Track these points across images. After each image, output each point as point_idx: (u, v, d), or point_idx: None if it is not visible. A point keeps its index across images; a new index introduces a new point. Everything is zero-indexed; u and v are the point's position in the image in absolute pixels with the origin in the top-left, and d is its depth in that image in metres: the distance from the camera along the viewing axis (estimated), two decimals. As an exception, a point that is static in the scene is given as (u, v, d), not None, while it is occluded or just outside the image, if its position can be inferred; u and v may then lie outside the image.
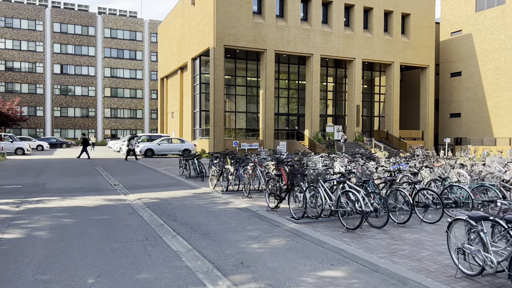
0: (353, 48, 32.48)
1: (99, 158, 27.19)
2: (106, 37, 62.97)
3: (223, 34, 28.09)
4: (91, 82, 62.22)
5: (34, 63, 58.76)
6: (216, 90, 28.33)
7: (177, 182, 14.22)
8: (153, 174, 16.96)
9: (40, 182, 13.80)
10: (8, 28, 56.93)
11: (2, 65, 56.98)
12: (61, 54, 60.33)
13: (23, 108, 57.16)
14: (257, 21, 29.35)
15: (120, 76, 64.32)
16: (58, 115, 60.18)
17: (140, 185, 13.56)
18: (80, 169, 18.93)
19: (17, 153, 30.33)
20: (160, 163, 22.82)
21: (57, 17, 59.77)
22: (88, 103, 62.05)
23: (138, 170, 18.89)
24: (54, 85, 59.76)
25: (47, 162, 23.41)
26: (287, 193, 8.43)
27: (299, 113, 35.33)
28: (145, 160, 25.17)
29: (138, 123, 65.16)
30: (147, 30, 65.76)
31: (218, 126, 28.57)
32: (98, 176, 16.23)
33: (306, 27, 31.00)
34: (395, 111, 34.47)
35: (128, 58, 64.85)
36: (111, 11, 67.17)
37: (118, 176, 16.04)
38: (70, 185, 13.32)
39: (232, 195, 11.16)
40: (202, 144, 30.88)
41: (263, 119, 30.13)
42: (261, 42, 29.38)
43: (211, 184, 12.54)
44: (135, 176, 16.13)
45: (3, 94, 56.05)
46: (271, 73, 29.97)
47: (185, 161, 15.64)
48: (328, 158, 13.09)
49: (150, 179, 15.17)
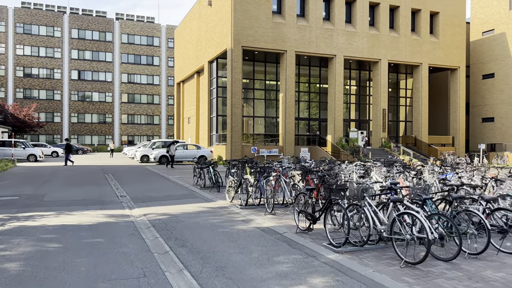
0: (378, 48, 30.62)
1: (112, 165, 26.02)
2: (123, 42, 62.59)
3: (241, 34, 26.69)
4: (108, 88, 61.80)
5: (52, 69, 58.68)
6: (233, 93, 26.89)
7: (190, 193, 12.71)
8: (165, 184, 15.52)
9: (40, 193, 12.49)
10: (26, 34, 57.05)
11: (21, 72, 57.04)
12: (79, 60, 60.14)
13: (41, 114, 57.01)
14: (277, 20, 27.85)
15: (137, 82, 63.76)
16: (75, 121, 59.86)
17: (149, 196, 12.10)
18: (88, 178, 17.67)
19: (30, 159, 29.48)
20: (174, 171, 21.42)
21: (75, 23, 59.69)
22: (105, 109, 61.60)
23: (149, 178, 17.50)
24: (72, 91, 59.53)
25: (56, 169, 22.31)
26: (322, 212, 6.78)
27: (320, 118, 33.58)
28: (158, 168, 23.84)
29: (155, 129, 64.38)
30: (164, 36, 65.17)
31: (236, 131, 27.08)
32: (105, 185, 14.88)
33: (329, 26, 29.34)
34: (424, 116, 32.34)
35: (145, 63, 64.31)
36: (128, 16, 66.87)
37: (126, 186, 14.65)
38: (71, 196, 11.96)
39: (253, 210, 9.56)
40: (219, 150, 29.43)
41: (283, 124, 28.50)
42: (281, 43, 27.84)
43: (228, 196, 10.97)
44: (145, 186, 14.71)
45: (21, 100, 56.05)
46: (292, 75, 28.37)
47: (200, 170, 14.14)
48: (362, 167, 11.35)
49: (161, 190, 13.71)
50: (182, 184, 15.18)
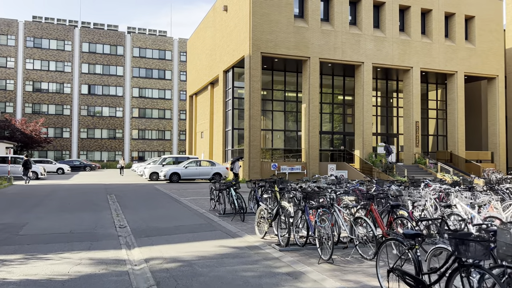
0: (410, 55, 27.96)
1: (117, 184, 23.54)
2: (134, 56, 61.05)
3: (260, 40, 24.33)
4: (118, 103, 60.02)
5: (62, 84, 57.19)
6: (252, 104, 24.38)
7: (207, 223, 10.02)
8: (176, 208, 12.86)
9: (20, 222, 9.94)
10: (36, 48, 55.84)
11: (30, 86, 55.64)
12: (89, 74, 58.62)
13: (49, 130, 55.27)
14: (299, 25, 25.47)
15: (149, 96, 61.91)
16: (85, 137, 57.97)
17: (155, 227, 9.45)
18: (87, 199, 15.13)
19: (30, 177, 27.13)
20: (187, 191, 18.79)
21: (86, 37, 58.41)
22: (116, 124, 59.68)
23: (157, 201, 14.89)
24: (81, 106, 57.84)
25: (55, 188, 19.86)
26: (440, 277, 4.01)
27: (345, 132, 30.83)
28: (168, 187, 21.24)
29: (166, 144, 62.16)
30: (176, 49, 63.53)
31: (254, 146, 24.46)
32: (104, 210, 12.30)
33: (355, 31, 26.85)
34: (460, 129, 29.35)
35: (157, 77, 62.55)
36: (140, 30, 65.56)
37: (129, 211, 12.04)
38: (57, 227, 9.38)
39: (298, 254, 6.82)
40: (235, 167, 26.76)
41: (306, 138, 25.81)
42: (304, 49, 25.39)
43: (259, 230, 8.25)
44: (151, 212, 12.08)
45: (30, 115, 54.47)
46: (315, 84, 25.81)
47: (218, 192, 11.47)
48: (441, 190, 8.55)
49: (171, 217, 11.07)
50: (197, 209, 12.49)
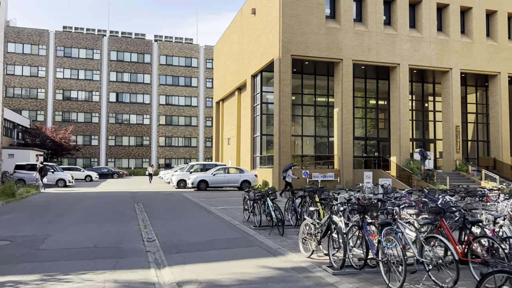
0: (448, 56, 26.38)
1: (144, 192, 22.98)
2: (161, 64, 61.33)
3: (290, 42, 23.40)
4: (146, 110, 60.31)
5: (90, 92, 57.95)
6: (282, 108, 23.41)
7: (243, 238, 9.07)
8: (207, 219, 11.99)
9: (42, 235, 9.28)
10: (66, 57, 56.85)
11: (60, 95, 56.60)
12: (117, 82, 59.21)
13: (79, 137, 55.96)
14: (331, 25, 24.41)
15: (175, 103, 61.98)
16: (113, 144, 58.42)
17: (186, 242, 8.58)
18: (114, 208, 14.49)
19: (58, 184, 27.07)
20: (216, 199, 17.94)
21: (114, 45, 59.13)
22: (143, 132, 59.93)
23: (186, 210, 14.07)
24: (110, 114, 58.40)
25: (82, 197, 19.42)
26: None
27: (378, 137, 29.39)
28: (197, 195, 20.47)
29: (192, 151, 61.93)
30: (202, 56, 63.48)
31: (284, 152, 23.44)
32: (131, 220, 11.56)
33: (390, 32, 25.54)
34: (504, 134, 27.40)
35: (183, 85, 62.58)
36: (167, 38, 65.94)
37: (158, 222, 11.24)
38: (81, 240, 8.64)
39: (357, 279, 5.75)
40: (264, 174, 25.83)
41: (339, 144, 24.60)
42: (336, 51, 24.29)
43: (304, 248, 7.22)
44: (181, 222, 11.25)
45: (60, 123, 55.31)
46: (349, 87, 24.63)
47: (253, 202, 10.51)
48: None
49: (202, 229, 10.18)
50: (229, 220, 11.57)
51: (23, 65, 55.20)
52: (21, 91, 55.11)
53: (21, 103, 54.74)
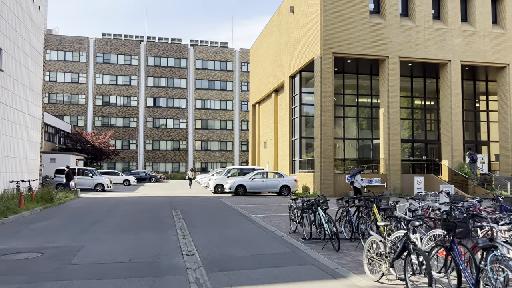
0: (505, 51, 24.25)
1: (182, 197, 22.41)
2: (197, 68, 61.48)
3: (332, 39, 22.20)
4: (182, 115, 60.58)
5: (128, 97, 58.88)
6: (323, 109, 22.21)
7: (292, 253, 8.02)
8: (249, 228, 11.04)
9: (75, 245, 8.64)
10: (105, 64, 58.07)
11: (100, 100, 57.84)
12: (154, 87, 59.88)
13: (117, 142, 56.95)
14: (375, 21, 22.99)
15: (211, 107, 61.91)
16: (150, 148, 59.03)
17: (230, 256, 7.64)
18: (151, 215, 13.84)
19: (97, 189, 27.08)
20: (256, 206, 16.99)
21: (151, 51, 59.88)
22: (179, 136, 60.21)
23: (227, 218, 13.19)
24: (147, 118, 59.10)
25: (119, 202, 19.03)
26: None
27: (426, 139, 27.52)
28: (235, 201, 19.62)
29: (228, 155, 61.56)
30: (238, 60, 63.14)
31: (327, 156, 22.20)
32: (169, 229, 10.80)
33: (440, 26, 23.78)
34: None
35: (219, 89, 62.45)
36: (202, 43, 66.20)
37: (197, 232, 10.41)
38: (115, 253, 7.89)
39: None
40: (304, 178, 24.67)
41: (385, 147, 23.07)
42: (382, 47, 22.84)
43: (371, 269, 6.07)
44: (222, 233, 10.35)
45: (100, 128, 56.48)
46: (395, 86, 23.08)
47: (302, 212, 9.44)
48: None
49: (246, 240, 9.24)
50: (273, 231, 10.56)
51: (65, 72, 56.87)
52: (63, 97, 56.77)
53: (63, 109, 56.35)
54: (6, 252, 7.85)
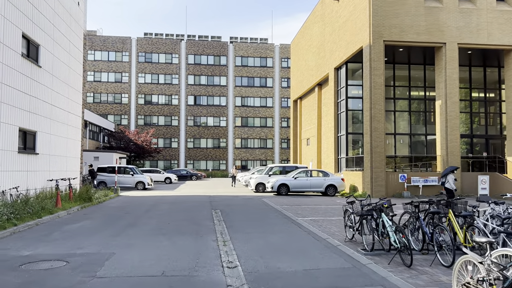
0: None
1: (222, 196, 21.50)
2: (237, 65, 60.79)
3: (382, 25, 20.42)
4: (222, 112, 60.14)
5: (170, 96, 59.16)
6: (373, 102, 20.49)
7: (352, 268, 6.69)
8: (297, 234, 9.79)
9: (105, 252, 7.77)
10: (147, 63, 58.66)
11: (142, 99, 58.52)
12: (195, 86, 59.82)
13: (159, 140, 57.42)
14: (431, 5, 20.93)
15: (251, 105, 61.02)
16: (191, 147, 59.06)
17: (278, 271, 6.43)
18: (189, 216, 12.92)
19: (138, 187, 26.80)
20: (301, 207, 15.69)
21: (191, 49, 59.85)
22: (219, 134, 59.82)
23: (270, 221, 12.00)
24: (188, 117, 59.16)
25: (158, 201, 18.37)
26: None
27: (487, 134, 24.99)
28: (278, 201, 18.40)
29: (268, 153, 60.44)
30: (278, 55, 61.80)
31: (377, 152, 20.47)
32: (208, 233, 9.76)
33: (505, 8, 21.32)
34: None
35: (259, 85, 61.42)
36: (242, 39, 65.44)
37: (239, 236, 9.30)
38: (147, 264, 6.91)
39: None
40: (352, 177, 23.03)
41: (443, 143, 20.98)
42: (438, 34, 20.77)
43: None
44: (267, 238, 9.16)
45: (142, 126, 57.18)
46: (453, 76, 20.93)
47: (362, 218, 8.05)
48: None
49: (294, 250, 7.99)
50: (326, 238, 9.23)
51: (109, 71, 58.00)
52: (107, 97, 57.93)
53: (107, 108, 57.52)
54: (29, 260, 7.09)
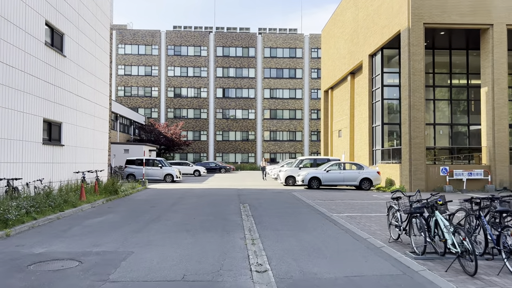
0: None
1: (251, 189, 20.74)
2: (265, 57, 59.74)
3: (422, 7, 18.91)
4: (251, 105, 59.38)
5: (199, 89, 58.92)
6: (412, 90, 19.07)
7: (403, 276, 5.70)
8: (333, 233, 8.84)
9: (123, 251, 7.11)
10: (176, 56, 58.55)
11: (171, 92, 58.56)
12: (223, 78, 59.30)
13: (189, 133, 57.38)
14: (477, -18, 19.21)
15: (280, 96, 59.91)
16: (220, 139, 58.72)
17: (315, 278, 5.54)
18: (216, 211, 12.19)
19: (166, 180, 26.48)
20: (335, 202, 14.67)
21: (219, 41, 59.26)
22: (248, 126, 59.14)
23: (303, 218, 11.09)
24: (217, 109, 58.78)
25: (185, 194, 17.80)
26: None
27: (538, 124, 22.93)
28: (310, 195, 17.43)
29: (297, 146, 59.27)
30: (307, 46, 60.25)
31: (417, 144, 19.08)
32: (235, 230, 8.98)
33: (562, -17, 19.28)
34: None
35: (288, 77, 60.15)
36: (271, 30, 64.24)
37: (269, 234, 8.47)
38: (167, 265, 6.18)
39: None
40: (388, 171, 21.71)
41: (489, 133, 19.33)
42: (484, 14, 19.05)
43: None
44: (299, 237, 8.26)
45: (172, 119, 57.28)
46: (501, 60, 19.18)
47: (409, 215, 7.01)
48: None
49: (332, 251, 7.07)
50: (367, 238, 8.24)
51: (139, 65, 58.31)
52: (137, 90, 58.33)
53: (137, 101, 57.94)
54: (40, 258, 6.52)
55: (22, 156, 12.41)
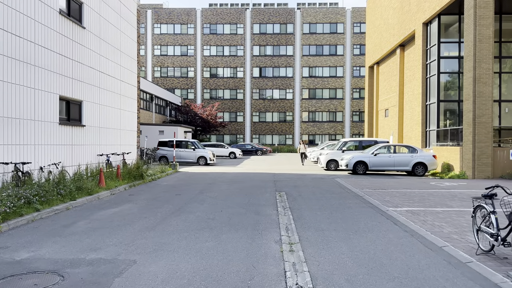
0: None
1: (288, 174, 18.92)
2: (304, 33, 56.78)
3: (494, -40, 15.92)
4: (288, 84, 56.98)
5: (235, 68, 57.17)
6: (478, 61, 16.30)
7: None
8: (397, 238, 6.87)
9: (122, 260, 5.53)
10: (212, 34, 56.90)
11: (207, 72, 57.21)
12: (260, 57, 57.09)
13: (225, 114, 56.08)
14: None
15: (319, 75, 56.98)
16: (257, 120, 57.00)
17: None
18: (247, 202, 10.49)
19: (199, 162, 25.18)
20: (388, 192, 12.56)
21: (256, 18, 56.88)
22: (286, 107, 56.93)
23: (351, 212, 9.14)
24: (253, 90, 56.89)
25: (216, 179, 16.25)
26: None
27: None
28: (356, 182, 15.37)
29: (337, 127, 56.48)
30: (349, 20, 56.60)
31: (482, 123, 16.42)
32: (269, 229, 7.23)
33: None
34: None
35: (328, 54, 56.97)
36: (310, 5, 61.03)
37: (311, 236, 6.65)
38: (178, 284, 4.53)
39: None
40: (445, 154, 19.13)
41: None
42: None
43: None
44: (352, 243, 6.36)
45: (208, 100, 56.13)
46: None
47: (511, 222, 4.96)
48: None
49: (401, 268, 5.15)
50: (443, 246, 6.21)
51: (175, 45, 57.22)
52: (173, 71, 57.43)
53: (174, 82, 57.11)
54: (16, 270, 5.05)
55: (34, 138, 11.21)
